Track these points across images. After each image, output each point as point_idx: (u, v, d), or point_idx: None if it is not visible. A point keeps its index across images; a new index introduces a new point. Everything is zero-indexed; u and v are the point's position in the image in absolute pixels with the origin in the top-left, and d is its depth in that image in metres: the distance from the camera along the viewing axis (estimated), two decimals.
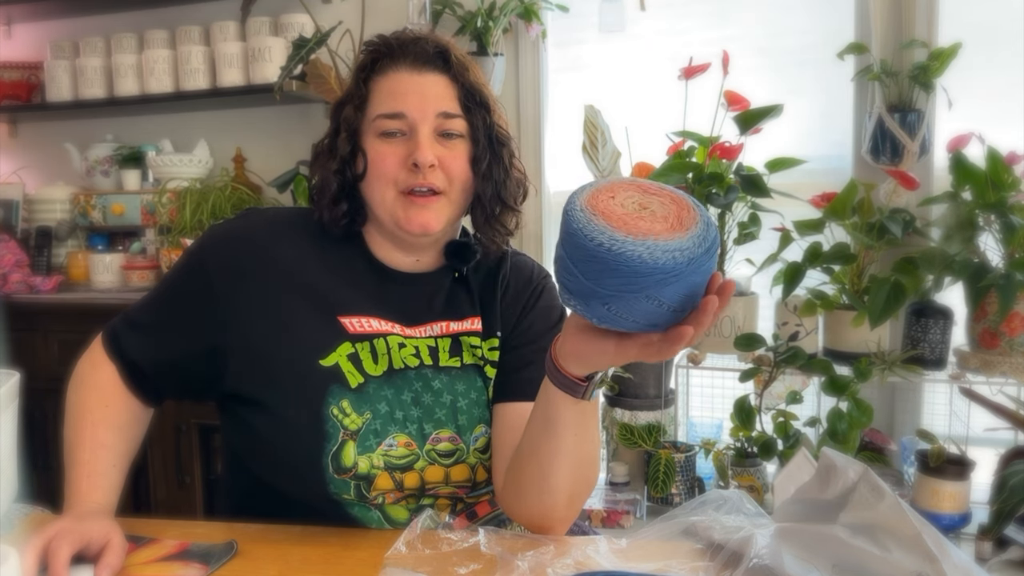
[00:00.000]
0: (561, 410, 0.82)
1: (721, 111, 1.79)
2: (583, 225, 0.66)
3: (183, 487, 2.23)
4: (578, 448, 0.86)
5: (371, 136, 0.96)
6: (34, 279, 2.47)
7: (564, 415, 0.83)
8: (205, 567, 0.83)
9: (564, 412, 0.82)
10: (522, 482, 0.89)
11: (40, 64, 2.66)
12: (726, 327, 1.85)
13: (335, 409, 0.92)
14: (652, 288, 0.65)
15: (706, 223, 0.67)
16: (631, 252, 0.64)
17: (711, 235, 0.66)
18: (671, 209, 0.68)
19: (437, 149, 0.94)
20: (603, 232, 0.65)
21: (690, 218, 0.67)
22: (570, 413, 0.83)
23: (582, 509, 1.86)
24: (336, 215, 0.98)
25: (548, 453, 0.85)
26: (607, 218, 0.66)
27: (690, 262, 0.65)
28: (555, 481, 0.87)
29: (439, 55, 0.97)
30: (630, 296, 0.66)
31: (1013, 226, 1.58)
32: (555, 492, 0.87)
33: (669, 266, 0.64)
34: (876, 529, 0.72)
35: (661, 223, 0.66)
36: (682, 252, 0.64)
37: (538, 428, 0.85)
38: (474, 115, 0.97)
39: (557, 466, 0.86)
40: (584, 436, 0.86)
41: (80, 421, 0.97)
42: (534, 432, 0.86)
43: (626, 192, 0.69)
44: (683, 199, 0.69)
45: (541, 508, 0.89)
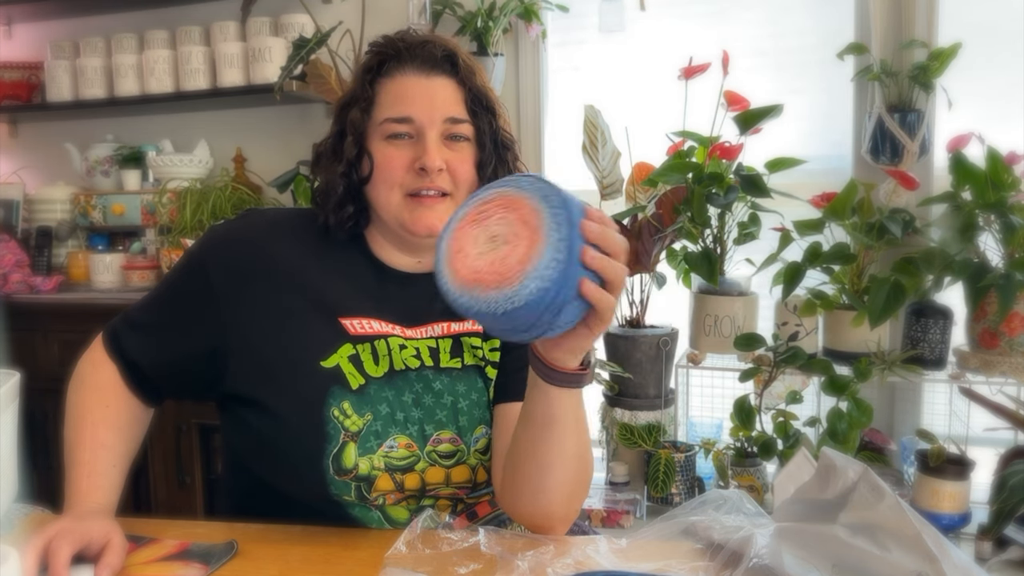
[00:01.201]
0: (565, 408, 0.83)
1: (721, 111, 1.79)
2: (454, 297, 0.70)
3: (183, 487, 2.23)
4: (578, 443, 0.87)
5: (377, 139, 0.96)
6: (34, 279, 2.47)
7: (567, 412, 0.83)
8: (205, 567, 0.83)
9: (567, 409, 0.83)
10: (520, 483, 0.89)
11: (40, 64, 2.66)
12: (726, 327, 1.85)
13: (336, 410, 0.92)
14: (544, 317, 0.68)
15: (553, 228, 0.67)
16: (500, 310, 0.67)
17: (563, 240, 0.67)
18: (521, 236, 0.68)
19: (444, 152, 0.95)
20: (473, 300, 0.68)
21: (538, 239, 0.68)
22: (572, 408, 0.83)
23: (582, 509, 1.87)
24: (342, 218, 0.98)
25: (548, 453, 0.85)
26: (467, 283, 0.69)
27: (558, 287, 0.67)
28: (554, 479, 0.87)
29: (447, 58, 0.97)
30: (532, 332, 0.69)
31: (1013, 226, 1.58)
32: (554, 490, 0.87)
33: (542, 301, 0.66)
34: (876, 529, 0.72)
35: (515, 260, 0.67)
36: (543, 282, 0.66)
37: (538, 430, 0.85)
38: (480, 119, 0.97)
39: (558, 464, 0.86)
40: (582, 430, 0.87)
41: (80, 421, 0.97)
42: (533, 434, 0.85)
43: (475, 231, 0.71)
44: (527, 209, 0.69)
45: (540, 508, 0.89)
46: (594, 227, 0.69)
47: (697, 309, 1.90)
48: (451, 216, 0.74)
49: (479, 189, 0.74)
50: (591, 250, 0.69)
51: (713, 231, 1.86)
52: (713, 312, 1.87)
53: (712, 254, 1.84)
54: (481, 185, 0.98)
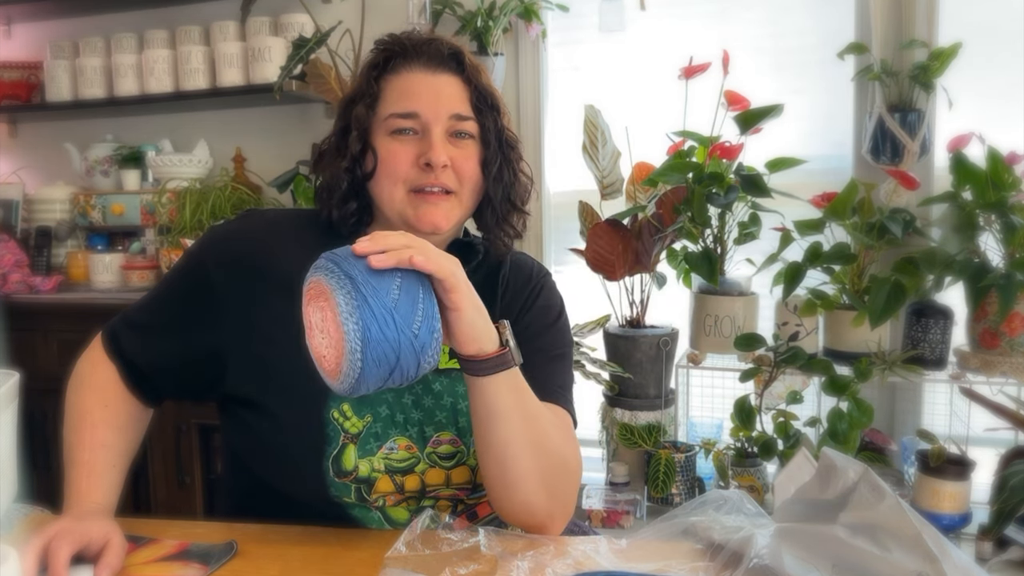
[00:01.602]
0: (501, 397, 0.82)
1: (721, 111, 1.79)
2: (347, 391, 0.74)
3: (183, 487, 2.23)
4: (529, 432, 0.85)
5: (382, 134, 0.96)
6: (34, 279, 2.47)
7: (505, 401, 0.83)
8: (205, 567, 0.83)
9: (504, 398, 0.83)
10: (489, 481, 0.88)
11: (40, 64, 2.66)
12: (726, 327, 1.85)
13: (336, 412, 0.92)
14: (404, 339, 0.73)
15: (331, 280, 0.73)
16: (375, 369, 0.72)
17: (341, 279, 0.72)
18: (324, 309, 0.74)
19: (449, 149, 0.94)
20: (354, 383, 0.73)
21: (328, 298, 0.73)
22: (509, 397, 0.83)
23: (582, 509, 1.87)
24: (346, 213, 0.98)
25: (501, 445, 0.84)
26: (336, 375, 0.74)
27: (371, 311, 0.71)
28: (517, 472, 0.85)
29: (453, 56, 0.97)
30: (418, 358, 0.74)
31: (1013, 226, 1.58)
32: (521, 483, 0.86)
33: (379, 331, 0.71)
34: (876, 529, 0.72)
35: (335, 328, 0.72)
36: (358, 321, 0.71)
37: (483, 425, 0.84)
38: (485, 117, 0.97)
39: (514, 455, 0.85)
40: (532, 417, 0.86)
41: (80, 421, 0.97)
42: (483, 430, 0.85)
43: (315, 336, 0.76)
44: (316, 288, 0.75)
45: (517, 503, 0.88)
46: (360, 244, 0.74)
47: (697, 309, 1.90)
48: None
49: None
50: (373, 257, 0.73)
51: (713, 231, 1.86)
52: (713, 312, 1.87)
53: (712, 254, 1.84)
54: (485, 183, 0.98)
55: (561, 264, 2.29)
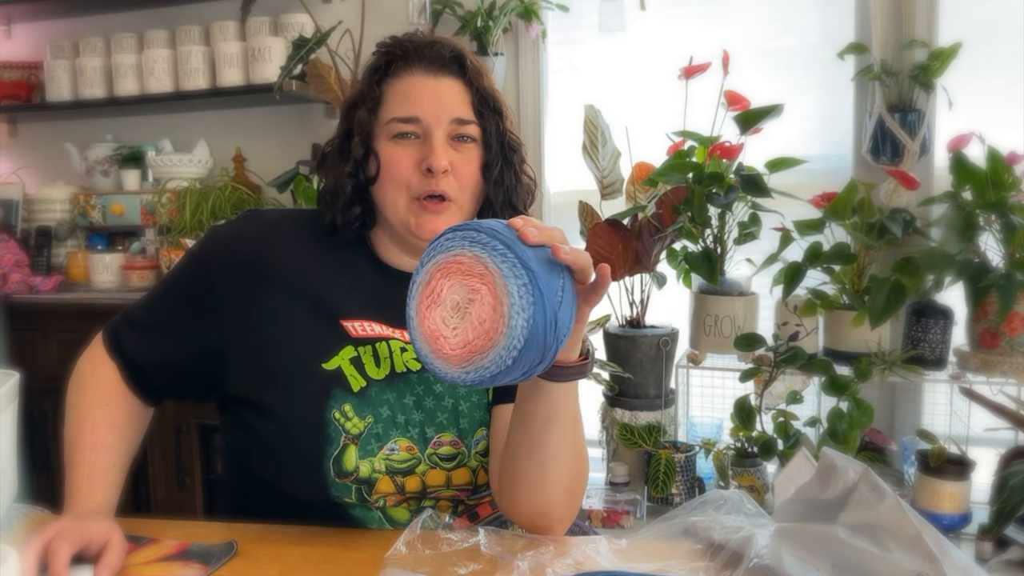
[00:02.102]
0: (566, 404, 0.83)
1: (721, 111, 1.79)
2: (464, 379, 0.69)
3: (183, 487, 2.23)
4: (576, 440, 0.87)
5: (384, 139, 0.95)
6: (34, 279, 2.47)
7: (568, 408, 0.83)
8: (205, 567, 0.83)
9: (568, 405, 0.83)
10: (520, 483, 0.88)
11: (40, 64, 2.66)
12: (726, 327, 1.85)
13: (337, 413, 0.92)
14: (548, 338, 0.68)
15: (499, 260, 0.67)
16: (509, 360, 0.67)
17: (515, 263, 0.66)
18: (478, 288, 0.68)
19: (450, 154, 0.94)
20: (480, 370, 0.68)
21: (493, 279, 0.67)
22: (572, 404, 0.84)
23: (582, 509, 1.87)
24: (349, 218, 0.98)
25: (549, 451, 0.85)
26: (463, 359, 0.68)
27: (541, 305, 0.66)
28: (553, 478, 0.86)
29: (454, 59, 0.97)
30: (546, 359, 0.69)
31: (1013, 226, 1.58)
32: (553, 490, 0.87)
33: (538, 325, 0.66)
34: (876, 529, 0.72)
35: (489, 311, 0.67)
36: (526, 309, 0.66)
37: (539, 428, 0.84)
38: (487, 121, 0.97)
39: (557, 461, 0.86)
40: (580, 426, 0.88)
41: (80, 421, 0.97)
42: (535, 434, 0.85)
43: (437, 312, 0.70)
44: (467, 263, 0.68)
45: (539, 508, 0.89)
46: (531, 231, 0.68)
47: (697, 309, 1.90)
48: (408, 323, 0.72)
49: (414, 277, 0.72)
50: (561, 250, 0.69)
51: (713, 231, 1.86)
52: (713, 312, 1.87)
53: (712, 254, 1.84)
54: (486, 187, 0.98)
55: None
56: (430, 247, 0.71)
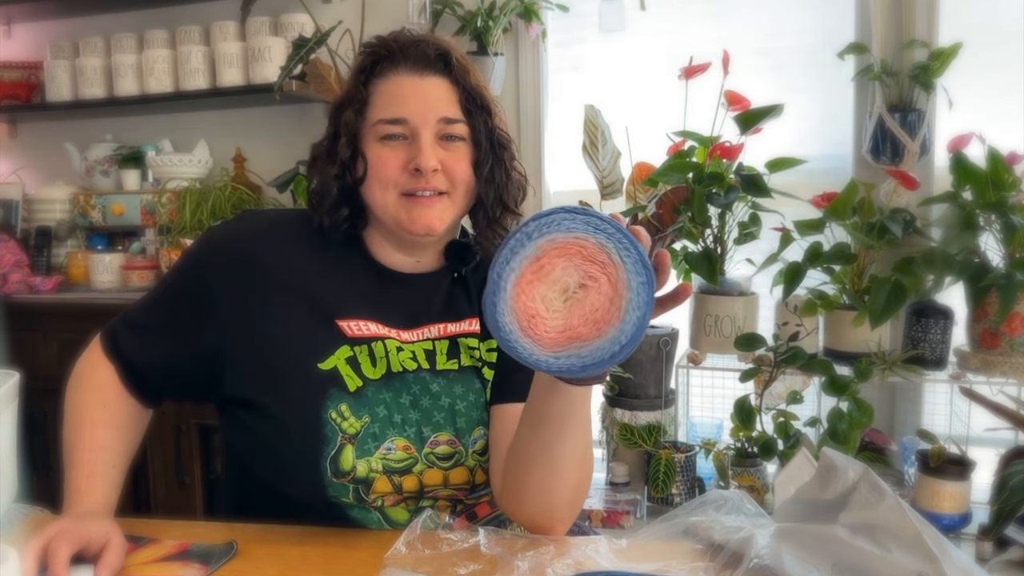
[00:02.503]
0: (581, 404, 0.83)
1: (721, 111, 1.79)
2: (549, 363, 0.67)
3: (183, 487, 2.23)
4: (586, 441, 0.87)
5: (371, 140, 0.95)
6: (34, 279, 2.47)
7: (583, 408, 0.83)
8: (205, 567, 0.83)
9: (583, 405, 0.83)
10: (528, 484, 0.88)
11: (40, 64, 2.65)
12: (726, 327, 1.85)
13: (333, 413, 0.92)
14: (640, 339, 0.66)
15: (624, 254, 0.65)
16: (609, 354, 0.65)
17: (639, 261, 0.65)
18: (597, 276, 0.66)
19: (439, 152, 0.94)
20: (575, 357, 0.66)
21: (615, 271, 0.66)
22: (586, 404, 0.84)
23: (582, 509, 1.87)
24: (337, 220, 0.98)
25: (561, 452, 0.85)
26: (560, 343, 0.66)
27: (651, 306, 0.65)
28: (562, 479, 0.87)
29: (440, 58, 0.96)
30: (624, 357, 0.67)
31: (1013, 226, 1.58)
32: (560, 490, 0.87)
33: (644, 326, 0.65)
34: (876, 529, 0.72)
35: (604, 301, 0.65)
36: (640, 308, 0.65)
37: (552, 430, 0.84)
38: (475, 118, 0.97)
39: (567, 463, 0.86)
40: (590, 427, 0.88)
41: (79, 422, 0.97)
42: (549, 435, 0.84)
43: (540, 289, 0.67)
44: (587, 247, 0.66)
45: (545, 507, 0.89)
46: (643, 232, 0.68)
47: (697, 309, 1.90)
48: (495, 272, 0.68)
49: (505, 246, 0.68)
50: (661, 251, 0.69)
51: (713, 231, 1.86)
52: (713, 312, 1.87)
53: (712, 254, 1.84)
54: (478, 185, 0.97)
55: None
56: (541, 222, 0.67)
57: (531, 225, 0.68)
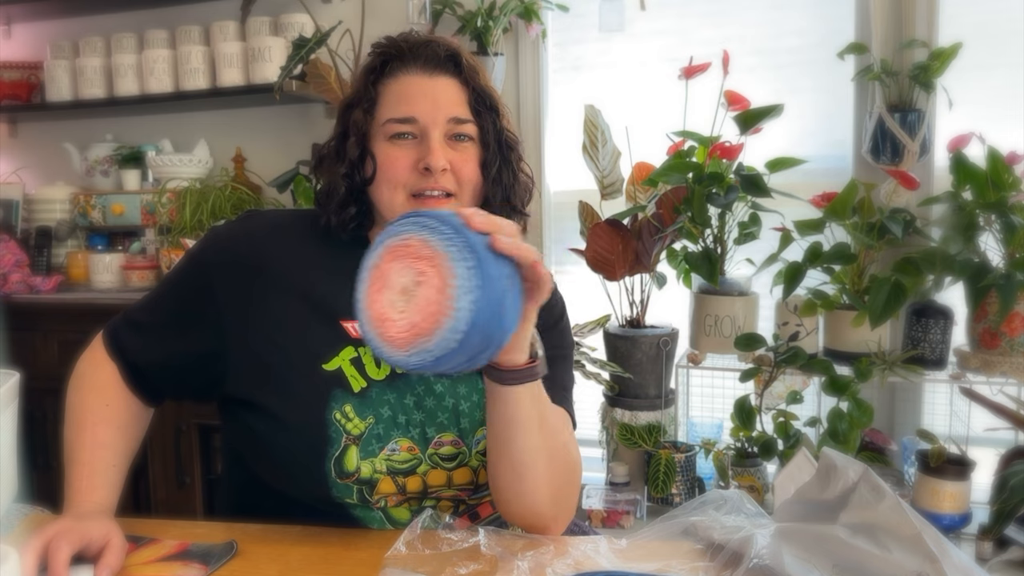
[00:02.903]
0: (523, 406, 0.83)
1: (721, 111, 1.79)
2: (408, 362, 0.69)
3: (183, 487, 2.23)
4: (545, 440, 0.86)
5: (380, 139, 0.95)
6: (34, 279, 2.47)
7: (526, 410, 0.83)
8: (205, 567, 0.83)
9: (525, 407, 0.83)
10: (500, 486, 0.89)
11: (40, 64, 2.65)
12: (726, 327, 1.85)
13: (338, 414, 0.92)
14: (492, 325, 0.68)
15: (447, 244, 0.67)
16: (454, 343, 0.66)
17: (464, 247, 0.67)
18: (426, 271, 0.68)
19: (448, 152, 0.94)
20: (425, 353, 0.68)
21: (440, 261, 0.67)
22: (531, 406, 0.83)
23: (582, 509, 1.87)
24: (344, 219, 0.98)
25: (518, 453, 0.85)
26: (408, 342, 0.68)
27: (486, 288, 0.66)
28: (531, 479, 0.86)
29: (450, 58, 0.96)
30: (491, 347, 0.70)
31: (1013, 226, 1.58)
32: (534, 490, 0.87)
33: (483, 310, 0.66)
34: (876, 529, 0.72)
35: (435, 292, 0.67)
36: (472, 292, 0.66)
37: (501, 432, 0.85)
38: (484, 119, 0.97)
39: (530, 464, 0.86)
40: (548, 426, 0.87)
41: (80, 421, 0.97)
42: (499, 437, 0.85)
43: (384, 296, 0.70)
44: (414, 246, 0.69)
45: (526, 508, 0.89)
46: (478, 219, 0.70)
47: (697, 309, 1.90)
48: (356, 304, 0.72)
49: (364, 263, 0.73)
50: (499, 240, 0.70)
51: (713, 231, 1.86)
52: (713, 312, 1.87)
53: (712, 254, 1.84)
54: (486, 186, 0.98)
55: (561, 264, 2.29)
56: (384, 231, 0.72)
57: (378, 238, 0.72)
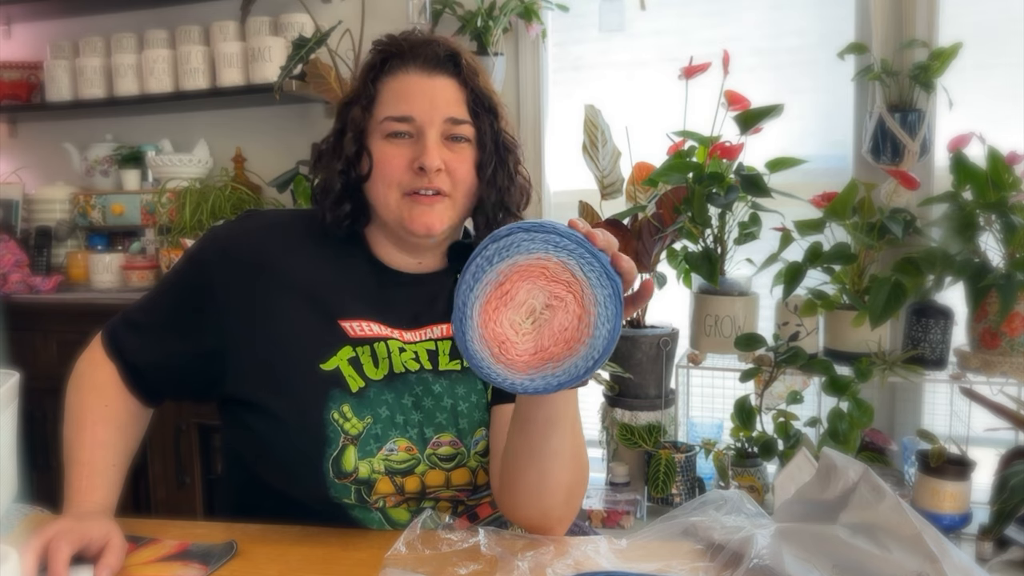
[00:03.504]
0: (566, 408, 0.83)
1: (721, 111, 1.79)
2: (524, 386, 0.67)
3: (183, 487, 2.23)
4: (575, 443, 0.87)
5: (377, 137, 0.95)
6: (34, 279, 2.47)
7: (567, 412, 0.83)
8: (205, 567, 0.83)
9: (567, 409, 0.83)
10: (520, 486, 0.89)
11: (40, 64, 2.65)
12: (726, 327, 1.85)
13: (336, 414, 0.92)
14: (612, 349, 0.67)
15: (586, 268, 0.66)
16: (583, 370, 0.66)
17: (601, 272, 0.66)
18: (562, 296, 0.66)
19: (443, 153, 0.94)
20: (550, 377, 0.66)
21: (580, 287, 0.66)
22: (571, 408, 0.84)
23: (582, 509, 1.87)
24: (339, 215, 0.98)
25: (550, 454, 0.85)
26: (533, 365, 0.66)
27: (620, 316, 0.66)
28: (554, 481, 0.87)
29: (450, 59, 0.96)
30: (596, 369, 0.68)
31: (1014, 226, 1.58)
32: (553, 491, 0.87)
33: (615, 337, 0.66)
34: (876, 529, 0.72)
35: (573, 319, 0.65)
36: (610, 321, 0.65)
37: (539, 432, 0.84)
38: (482, 120, 0.97)
39: (558, 464, 0.86)
40: (579, 429, 0.88)
41: (80, 421, 0.97)
42: (533, 437, 0.85)
43: (506, 314, 0.67)
44: (548, 266, 0.66)
45: (540, 509, 0.89)
46: (598, 235, 0.69)
47: (697, 309, 1.90)
48: (455, 317, 0.68)
49: (467, 271, 0.68)
50: (622, 258, 0.69)
51: (713, 231, 1.86)
52: (713, 312, 1.87)
53: (712, 254, 1.84)
54: (480, 187, 0.98)
55: None
56: (500, 244, 0.67)
57: (491, 248, 0.67)
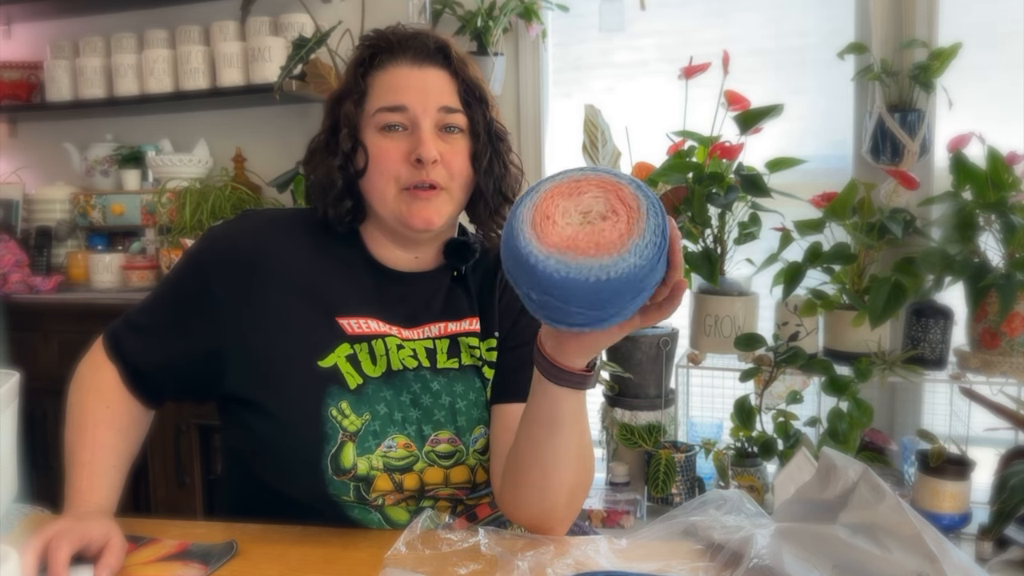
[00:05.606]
0: (567, 407, 0.82)
1: (721, 111, 1.79)
2: (538, 259, 0.68)
3: (183, 487, 2.23)
4: (581, 444, 0.87)
5: (371, 131, 0.95)
6: (34, 279, 2.47)
7: (570, 411, 0.83)
8: (205, 567, 0.83)
9: (570, 408, 0.83)
10: (523, 485, 0.89)
11: (40, 64, 2.65)
12: (726, 327, 1.85)
13: (334, 410, 0.92)
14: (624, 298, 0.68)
15: (653, 214, 0.69)
16: (593, 278, 0.66)
17: (660, 227, 0.68)
18: (619, 214, 0.69)
19: (439, 144, 0.94)
20: (561, 264, 0.67)
21: (637, 219, 0.68)
22: (575, 407, 0.83)
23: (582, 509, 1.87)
24: (341, 212, 0.98)
25: (553, 453, 0.85)
26: (558, 247, 0.68)
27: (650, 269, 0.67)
28: (557, 480, 0.87)
29: (439, 50, 0.97)
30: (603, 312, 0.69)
31: (1013, 226, 1.58)
32: (557, 491, 0.87)
33: (634, 278, 0.67)
34: (876, 529, 0.72)
35: (615, 234, 0.68)
36: (641, 259, 0.67)
37: (542, 430, 0.84)
38: (474, 110, 0.97)
39: (561, 464, 0.86)
40: (585, 430, 0.87)
41: (81, 422, 0.97)
42: (537, 434, 0.85)
43: (566, 203, 0.71)
44: (625, 192, 0.70)
45: (542, 508, 0.89)
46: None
47: (697, 309, 1.90)
48: (531, 186, 0.73)
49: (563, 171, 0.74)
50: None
51: (713, 231, 1.86)
52: (713, 312, 1.87)
53: (712, 254, 1.84)
54: (476, 177, 0.98)
55: None
56: (599, 166, 0.74)
57: (589, 166, 0.73)
